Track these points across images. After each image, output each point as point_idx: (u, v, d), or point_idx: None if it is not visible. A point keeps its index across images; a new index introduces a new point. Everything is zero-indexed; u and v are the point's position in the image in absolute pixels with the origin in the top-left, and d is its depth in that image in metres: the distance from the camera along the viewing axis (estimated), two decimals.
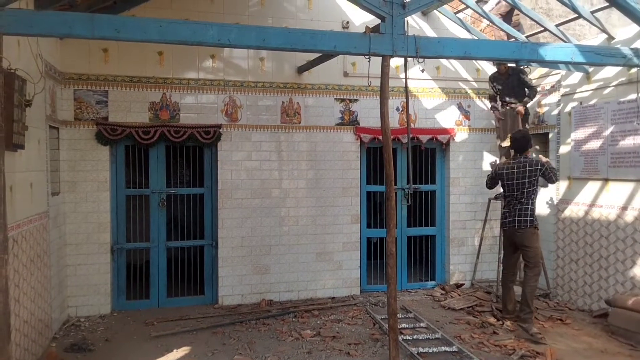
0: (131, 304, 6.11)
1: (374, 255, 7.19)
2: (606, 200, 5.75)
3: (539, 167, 5.20)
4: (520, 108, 6.15)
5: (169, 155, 6.36)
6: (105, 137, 5.77)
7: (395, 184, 6.15)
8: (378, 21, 4.09)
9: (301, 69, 6.41)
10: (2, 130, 3.47)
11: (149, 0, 5.80)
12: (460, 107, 7.06)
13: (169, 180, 6.42)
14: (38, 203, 4.62)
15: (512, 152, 5.61)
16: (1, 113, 3.46)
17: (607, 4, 5.03)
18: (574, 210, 6.21)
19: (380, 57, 4.12)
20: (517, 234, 5.27)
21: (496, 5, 7.00)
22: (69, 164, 5.70)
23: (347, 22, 6.59)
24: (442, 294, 6.69)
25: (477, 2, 6.69)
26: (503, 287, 5.62)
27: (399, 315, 5.52)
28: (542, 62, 5.70)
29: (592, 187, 5.94)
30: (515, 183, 5.30)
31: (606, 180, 5.74)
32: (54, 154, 5.31)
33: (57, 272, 5.30)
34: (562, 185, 6.41)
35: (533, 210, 5.29)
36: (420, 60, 4.22)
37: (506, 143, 6.22)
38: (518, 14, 6.98)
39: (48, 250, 4.91)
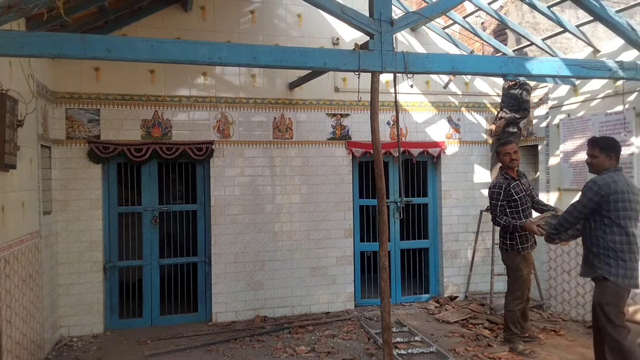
0: (124, 322, 6.06)
1: (368, 268, 7.19)
2: None
3: (489, 194, 5.10)
4: (493, 126, 6.25)
5: (161, 172, 6.37)
6: (97, 156, 5.78)
7: (388, 198, 6.20)
8: (367, 38, 4.15)
9: (292, 85, 6.47)
10: None
11: (140, 19, 5.88)
12: (450, 120, 7.13)
13: (161, 197, 6.42)
14: (30, 222, 4.61)
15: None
16: None
17: (592, 18, 5.14)
18: None
19: (370, 73, 4.18)
20: (501, 253, 5.21)
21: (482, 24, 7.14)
22: (61, 183, 5.70)
23: (337, 39, 6.67)
24: (436, 306, 6.70)
25: (465, 18, 6.81)
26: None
27: (394, 329, 5.51)
28: (529, 76, 5.79)
29: None
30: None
31: None
32: (45, 173, 5.31)
33: (50, 292, 5.26)
34: (552, 197, 6.47)
35: (512, 233, 4.99)
36: (410, 75, 4.28)
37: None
38: (505, 29, 7.10)
39: (40, 269, 4.88)
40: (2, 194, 3.81)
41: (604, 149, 4.00)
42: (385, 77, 6.23)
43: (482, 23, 7.31)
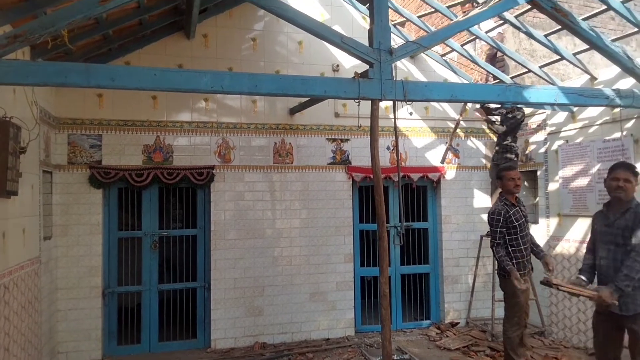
0: (122, 349, 6.01)
1: (369, 294, 7.14)
2: None
3: (488, 220, 4.94)
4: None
5: (161, 196, 6.38)
6: (99, 181, 5.80)
7: (388, 222, 6.20)
8: (367, 66, 4.22)
9: (293, 111, 6.53)
10: None
11: (144, 47, 5.97)
12: (449, 145, 7.17)
13: (161, 222, 6.42)
14: (30, 248, 4.61)
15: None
16: None
17: (588, 45, 5.22)
18: (565, 247, 6.25)
19: (370, 101, 4.23)
20: (499, 279, 5.10)
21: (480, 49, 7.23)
22: (62, 208, 5.71)
23: (337, 65, 6.76)
24: (437, 333, 6.64)
25: (462, 45, 6.91)
26: None
27: (394, 357, 5.45)
28: (527, 104, 5.85)
29: (582, 224, 6.00)
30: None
31: None
32: (46, 198, 5.32)
33: (48, 318, 5.23)
34: (552, 223, 6.47)
35: (500, 258, 4.88)
36: (409, 102, 4.33)
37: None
38: (503, 56, 7.19)
39: (39, 295, 4.86)
40: (3, 221, 3.82)
41: (635, 174, 3.87)
42: (384, 103, 6.30)
43: (481, 49, 7.41)
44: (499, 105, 6.59)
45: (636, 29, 5.27)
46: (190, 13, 5.32)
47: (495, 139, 6.97)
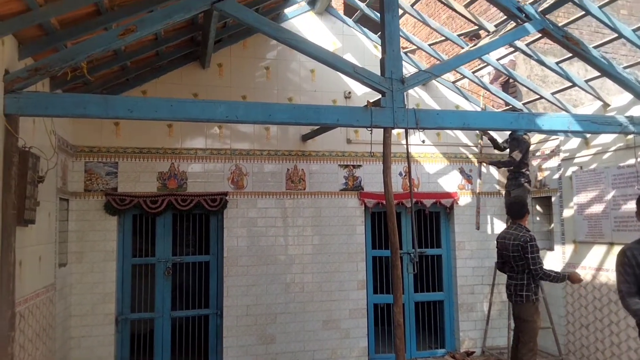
0: None
1: (382, 321, 7.06)
2: (613, 264, 5.67)
3: (521, 245, 4.88)
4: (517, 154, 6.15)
5: (175, 223, 6.42)
6: (114, 207, 5.87)
7: (401, 249, 6.16)
8: (379, 93, 4.27)
9: (305, 137, 6.58)
10: (14, 207, 3.58)
11: (160, 77, 6.10)
12: (462, 171, 7.17)
13: (174, 248, 6.45)
14: (45, 276, 4.65)
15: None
16: (14, 191, 3.58)
17: (600, 73, 5.23)
18: (581, 274, 6.13)
19: (382, 129, 4.27)
20: (516, 306, 5.06)
21: (493, 76, 7.27)
22: (77, 235, 5.77)
23: (349, 92, 6.83)
24: None
25: (474, 72, 6.96)
26: (512, 357, 5.44)
27: None
28: (540, 131, 5.85)
29: (598, 250, 5.92)
30: (508, 255, 5.04)
31: (611, 244, 5.73)
32: (63, 225, 5.39)
33: (62, 345, 5.24)
34: (567, 249, 6.39)
35: (529, 285, 4.94)
36: (421, 129, 4.36)
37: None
38: (515, 82, 7.22)
39: (53, 323, 4.88)
40: (21, 249, 3.86)
41: None
42: (397, 129, 6.33)
43: (489, 73, 7.43)
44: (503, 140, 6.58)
45: None
46: (206, 44, 5.44)
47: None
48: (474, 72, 6.94)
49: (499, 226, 7.07)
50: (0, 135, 3.47)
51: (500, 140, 6.69)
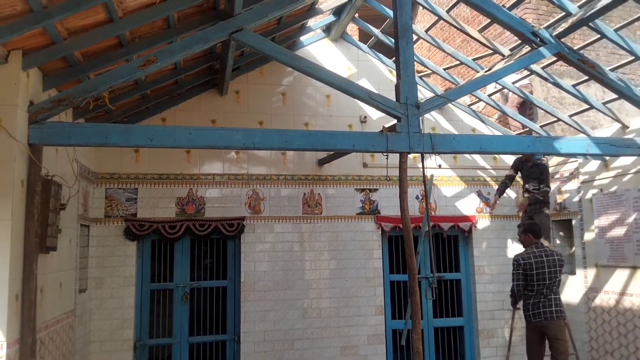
0: None
1: (401, 347, 6.94)
2: (637, 289, 5.58)
3: (561, 260, 5.16)
4: (524, 202, 6.13)
5: (193, 248, 6.46)
6: (133, 233, 5.94)
7: (419, 273, 6.09)
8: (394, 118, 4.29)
9: (322, 162, 6.61)
10: (37, 235, 3.65)
11: (179, 104, 6.22)
12: (480, 194, 7.11)
13: (192, 273, 6.47)
14: (66, 302, 4.70)
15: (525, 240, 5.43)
16: (37, 219, 3.66)
17: (617, 95, 5.19)
18: (604, 299, 6.01)
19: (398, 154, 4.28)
20: (551, 325, 5.01)
21: (509, 99, 7.26)
22: (97, 261, 5.83)
23: (365, 117, 6.87)
24: None
25: (489, 95, 6.96)
26: None
27: None
28: (558, 154, 5.78)
29: (620, 275, 5.79)
30: (547, 272, 5.05)
31: (634, 267, 5.60)
32: (83, 251, 5.47)
33: None
34: (590, 273, 6.26)
35: (561, 300, 5.16)
36: (437, 154, 4.36)
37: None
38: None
39: (73, 349, 4.92)
40: (42, 276, 3.92)
41: None
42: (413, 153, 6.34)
43: (506, 94, 7.41)
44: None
45: None
46: (224, 72, 5.55)
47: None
48: (490, 96, 6.93)
49: (519, 250, 6.94)
50: (23, 164, 3.57)
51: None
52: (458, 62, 6.67)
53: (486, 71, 5.14)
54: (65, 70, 4.06)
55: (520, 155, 6.35)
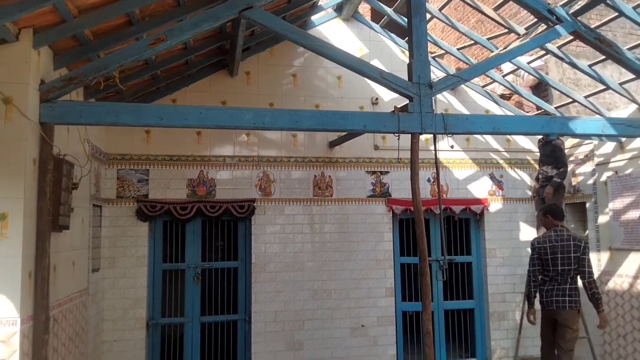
0: None
1: (411, 329, 6.97)
2: None
3: (581, 245, 4.87)
4: (549, 190, 6.03)
5: (204, 229, 6.49)
6: (145, 214, 5.97)
7: (430, 256, 6.07)
8: (406, 99, 4.23)
9: (333, 144, 6.58)
10: (49, 213, 3.68)
11: (189, 85, 6.20)
12: (492, 177, 7.03)
13: (204, 254, 6.51)
14: (79, 280, 4.76)
15: (546, 223, 5.34)
16: (50, 197, 3.68)
17: (635, 75, 5.08)
18: (618, 282, 5.96)
19: (410, 134, 4.23)
20: (562, 313, 4.90)
21: (524, 79, 7.13)
22: (110, 241, 5.89)
23: (376, 98, 6.80)
24: None
25: (504, 76, 6.84)
26: None
27: None
28: (573, 135, 5.70)
29: (635, 258, 5.72)
30: (560, 258, 4.90)
31: None
32: (96, 231, 5.52)
33: (94, 349, 5.35)
34: (603, 257, 6.20)
35: (578, 290, 4.91)
36: (450, 135, 4.31)
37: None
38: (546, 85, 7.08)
39: (86, 327, 4.99)
40: (55, 254, 3.96)
41: None
42: (425, 135, 6.28)
43: (522, 77, 7.29)
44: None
45: None
46: (234, 52, 5.51)
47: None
48: (504, 76, 6.81)
49: (531, 233, 6.90)
50: (35, 143, 3.58)
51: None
52: (472, 42, 6.55)
53: (501, 50, 5.04)
54: (76, 49, 4.06)
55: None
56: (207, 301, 6.57)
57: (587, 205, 6.52)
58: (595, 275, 6.16)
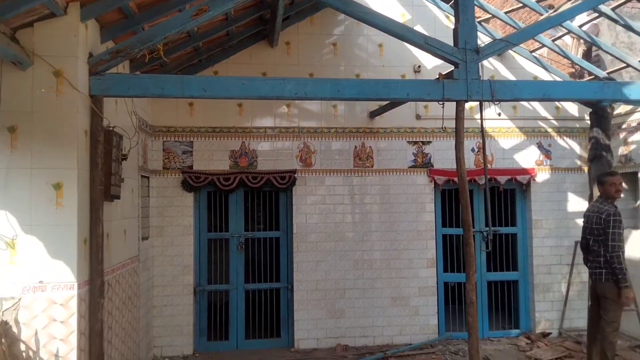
0: (212, 345, 6.30)
1: (452, 300, 6.94)
2: None
3: (604, 218, 4.65)
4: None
5: (246, 200, 6.60)
6: (190, 185, 6.12)
7: (473, 227, 5.98)
8: (450, 65, 4.12)
9: (373, 114, 6.51)
10: (101, 183, 3.82)
11: (230, 56, 6.23)
12: (540, 146, 6.81)
13: (246, 224, 6.65)
14: (130, 248, 4.96)
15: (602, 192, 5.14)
16: (101, 168, 3.82)
17: None
18: None
19: (455, 102, 4.13)
20: (599, 285, 4.80)
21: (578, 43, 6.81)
22: (157, 210, 6.08)
23: (419, 66, 6.65)
24: (527, 343, 6.32)
25: (553, 40, 6.55)
26: (588, 337, 5.19)
27: None
28: (627, 102, 5.42)
29: None
30: (585, 229, 4.91)
31: None
32: (144, 201, 5.70)
33: (145, 314, 5.59)
34: None
35: (607, 262, 4.66)
36: (497, 102, 4.18)
37: None
38: (598, 50, 6.73)
39: (138, 292, 5.21)
40: (107, 223, 4.13)
41: None
42: (469, 103, 6.11)
43: (574, 43, 6.96)
44: None
45: None
46: (274, 21, 5.48)
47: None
48: (554, 41, 6.51)
49: (580, 204, 6.69)
50: (86, 115, 3.70)
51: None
52: (520, 5, 6.26)
53: (552, 13, 4.81)
54: (121, 21, 4.12)
55: None
56: (250, 269, 6.74)
57: (639, 174, 6.25)
58: None
